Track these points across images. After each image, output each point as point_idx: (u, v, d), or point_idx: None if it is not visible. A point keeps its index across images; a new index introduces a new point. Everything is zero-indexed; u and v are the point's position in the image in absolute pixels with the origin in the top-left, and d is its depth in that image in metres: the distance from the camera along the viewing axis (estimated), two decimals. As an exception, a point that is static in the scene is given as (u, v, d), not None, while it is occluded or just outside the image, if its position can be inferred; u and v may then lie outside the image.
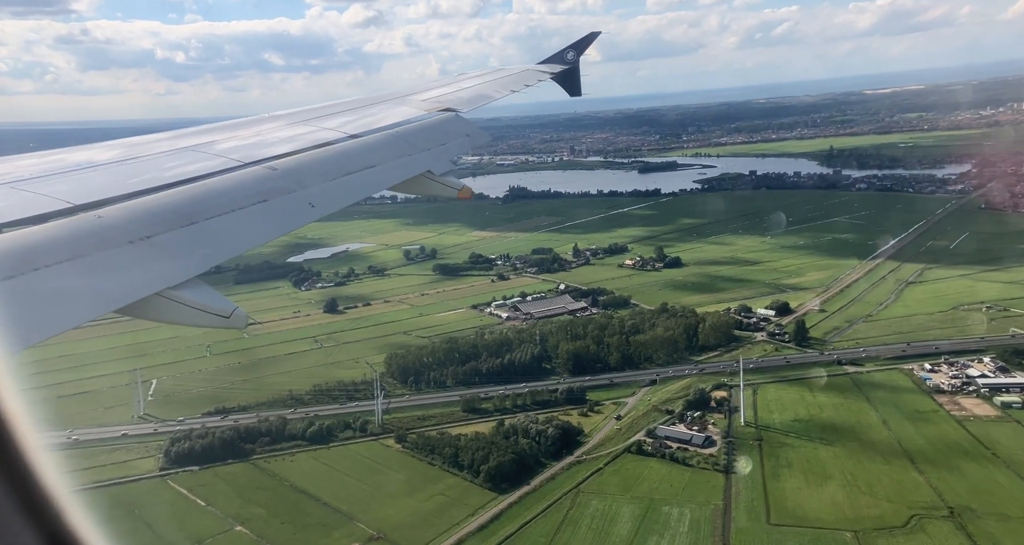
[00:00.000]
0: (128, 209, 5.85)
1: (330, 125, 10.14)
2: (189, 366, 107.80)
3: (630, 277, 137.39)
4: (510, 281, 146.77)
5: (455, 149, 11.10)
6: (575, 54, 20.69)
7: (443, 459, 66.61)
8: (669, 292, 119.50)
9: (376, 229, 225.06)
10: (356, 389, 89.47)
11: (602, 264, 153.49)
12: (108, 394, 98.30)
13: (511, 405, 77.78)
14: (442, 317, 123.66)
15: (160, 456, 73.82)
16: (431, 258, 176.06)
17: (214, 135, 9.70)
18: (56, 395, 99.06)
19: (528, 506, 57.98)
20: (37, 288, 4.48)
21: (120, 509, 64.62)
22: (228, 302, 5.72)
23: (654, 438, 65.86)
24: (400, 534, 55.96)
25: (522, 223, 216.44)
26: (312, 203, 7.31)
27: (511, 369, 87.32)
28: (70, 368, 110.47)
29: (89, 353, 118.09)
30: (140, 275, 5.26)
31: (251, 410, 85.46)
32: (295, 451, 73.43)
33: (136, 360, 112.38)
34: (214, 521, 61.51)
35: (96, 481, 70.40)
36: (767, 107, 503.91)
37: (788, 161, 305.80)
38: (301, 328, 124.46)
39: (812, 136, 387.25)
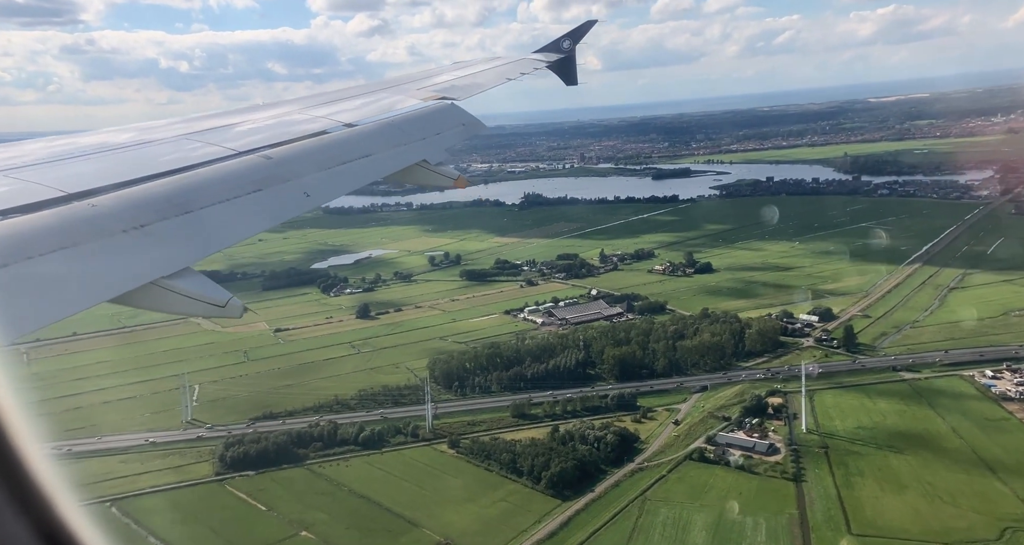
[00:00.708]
0: (122, 197, 5.77)
1: (325, 113, 9.97)
2: (228, 371, 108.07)
3: (661, 283, 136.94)
4: (539, 287, 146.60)
5: (451, 138, 10.91)
6: (571, 43, 20.39)
7: (500, 465, 66.28)
8: (705, 298, 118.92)
9: (396, 235, 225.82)
10: (401, 394, 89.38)
11: (630, 269, 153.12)
12: (152, 399, 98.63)
13: (561, 411, 77.41)
14: (476, 323, 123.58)
15: (215, 461, 73.87)
16: (456, 264, 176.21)
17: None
18: (102, 401, 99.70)
19: (595, 513, 57.48)
20: (30, 277, 4.39)
21: (182, 513, 64.75)
22: (223, 291, 5.62)
23: (715, 445, 65.27)
24: (468, 541, 55.62)
25: (542, 229, 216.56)
26: (307, 192, 7.20)
27: (555, 374, 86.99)
28: (110, 374, 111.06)
29: (126, 359, 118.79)
30: (134, 264, 5.17)
31: (298, 415, 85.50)
32: (349, 456, 73.32)
33: (175, 366, 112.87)
34: (278, 526, 61.39)
35: (154, 486, 70.63)
36: (772, 115, 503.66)
37: (803, 167, 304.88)
38: (335, 334, 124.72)
39: (823, 143, 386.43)
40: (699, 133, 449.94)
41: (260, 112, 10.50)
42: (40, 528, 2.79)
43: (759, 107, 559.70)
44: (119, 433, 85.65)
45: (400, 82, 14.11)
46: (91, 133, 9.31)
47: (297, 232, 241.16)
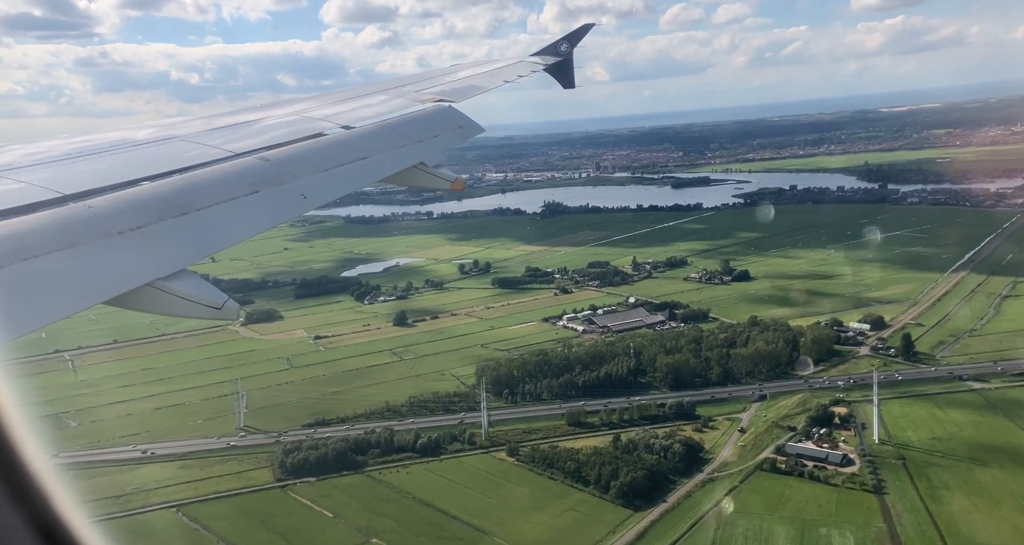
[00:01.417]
0: (119, 199, 5.71)
1: (322, 115, 9.96)
2: (274, 378, 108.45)
3: (699, 290, 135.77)
4: (573, 295, 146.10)
5: (448, 141, 10.77)
6: (568, 46, 20.26)
7: (564, 474, 65.54)
8: (747, 306, 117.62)
9: (421, 244, 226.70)
10: (451, 401, 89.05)
11: (664, 277, 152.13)
12: (201, 406, 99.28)
13: (618, 419, 76.57)
14: (515, 330, 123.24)
15: (275, 467, 73.89)
16: (485, 272, 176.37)
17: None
18: (152, 407, 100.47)
19: (670, 524, 56.49)
20: (27, 278, 4.33)
21: (249, 520, 64.71)
22: (219, 293, 5.53)
23: (785, 455, 63.98)
24: (543, 549, 54.85)
25: (567, 237, 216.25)
26: (304, 194, 7.13)
27: (606, 382, 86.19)
28: (156, 381, 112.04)
29: (170, 367, 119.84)
30: (130, 266, 5.11)
31: (350, 422, 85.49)
32: (408, 463, 73.00)
33: (220, 373, 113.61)
34: (347, 533, 61.07)
35: (217, 491, 70.76)
36: (783, 125, 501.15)
37: (824, 176, 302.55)
38: (375, 341, 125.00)
39: (840, 152, 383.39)
40: (712, 143, 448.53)
41: (268, 110, 10.58)
42: (39, 526, 2.76)
43: (768, 117, 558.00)
44: (175, 439, 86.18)
45: (397, 85, 14.07)
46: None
47: (322, 241, 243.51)
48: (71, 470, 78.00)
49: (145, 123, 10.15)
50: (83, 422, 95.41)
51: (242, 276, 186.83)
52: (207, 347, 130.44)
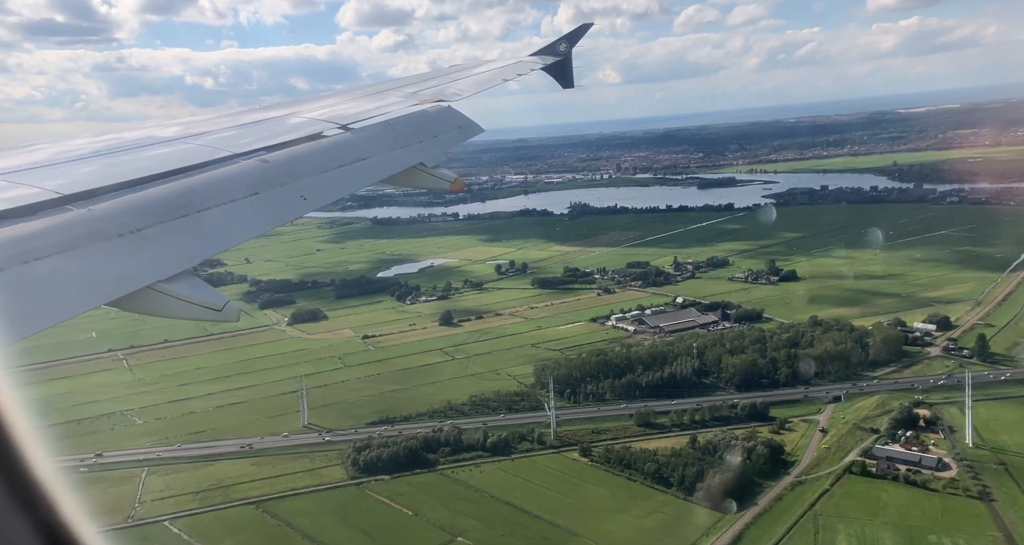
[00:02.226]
0: (119, 201, 5.66)
1: (322, 116, 9.90)
2: (330, 377, 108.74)
3: (746, 290, 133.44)
4: (616, 295, 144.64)
5: (448, 141, 10.72)
6: (567, 46, 20.10)
7: (644, 475, 64.42)
8: (802, 306, 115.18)
9: (452, 245, 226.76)
10: (512, 401, 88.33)
11: (708, 277, 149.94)
12: (261, 404, 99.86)
13: (689, 420, 75.17)
14: (563, 330, 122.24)
15: (347, 465, 73.84)
16: (522, 272, 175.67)
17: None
18: (213, 405, 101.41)
19: (764, 527, 55.04)
20: (26, 281, 4.30)
21: (330, 518, 64.62)
22: (220, 295, 5.47)
23: (875, 458, 62.01)
24: (637, 551, 53.71)
25: (600, 238, 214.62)
26: (304, 195, 7.07)
27: (670, 383, 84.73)
28: (212, 380, 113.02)
29: (224, 365, 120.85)
30: (130, 268, 5.08)
31: (413, 420, 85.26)
32: (479, 462, 72.42)
33: (274, 372, 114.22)
34: (430, 532, 60.62)
35: (293, 488, 70.90)
36: (800, 126, 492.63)
37: (853, 176, 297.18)
38: (423, 340, 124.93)
39: (865, 153, 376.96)
40: (732, 144, 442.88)
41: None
42: (42, 529, 2.74)
43: (784, 119, 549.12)
44: (241, 437, 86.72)
45: (397, 85, 14.00)
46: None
47: (353, 242, 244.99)
48: (144, 467, 78.88)
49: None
50: (148, 420, 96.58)
51: (280, 277, 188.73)
52: (257, 346, 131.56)
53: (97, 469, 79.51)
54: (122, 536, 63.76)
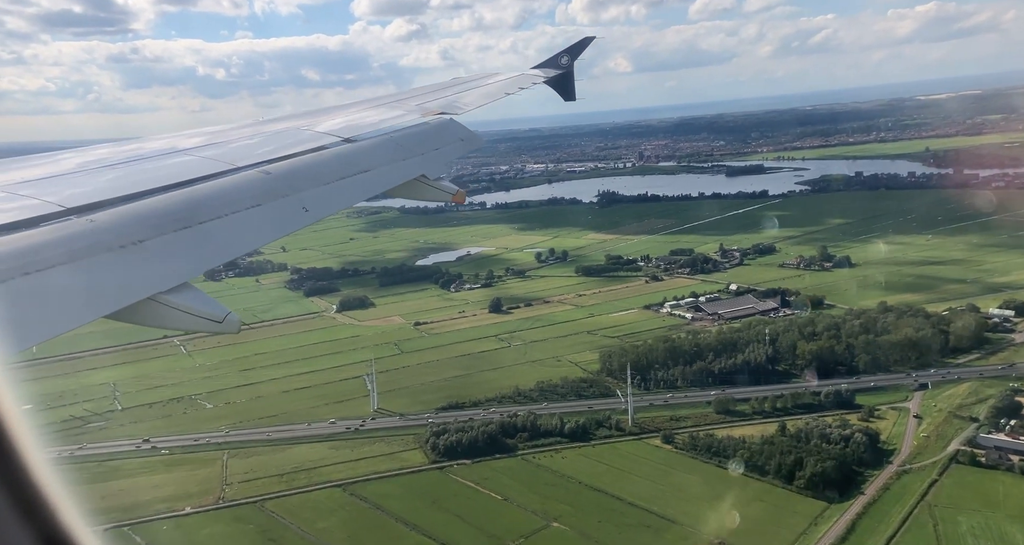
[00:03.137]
0: (121, 213, 5.60)
1: (325, 129, 9.87)
2: (388, 363, 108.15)
3: (800, 277, 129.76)
4: (664, 282, 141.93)
5: (449, 153, 10.78)
6: (569, 59, 20.15)
7: (734, 462, 62.45)
8: (864, 292, 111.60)
9: (486, 233, 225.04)
10: (579, 387, 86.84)
11: (757, 264, 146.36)
12: (326, 389, 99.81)
13: (770, 408, 72.95)
14: (617, 318, 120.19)
15: (426, 449, 73.19)
16: (562, 260, 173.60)
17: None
18: (279, 390, 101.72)
19: (877, 518, 52.98)
20: (28, 293, 4.30)
21: (420, 501, 64.05)
22: (221, 306, 5.35)
23: (983, 448, 59.32)
24: (743, 541, 52.07)
25: (635, 225, 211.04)
26: (306, 207, 7.04)
27: (742, 370, 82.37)
28: (273, 365, 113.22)
29: (281, 351, 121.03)
30: (132, 280, 5.05)
31: (482, 406, 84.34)
32: (559, 447, 71.25)
33: (332, 358, 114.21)
34: (523, 516, 59.66)
35: (376, 472, 70.51)
36: (819, 113, 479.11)
37: (885, 163, 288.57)
38: (475, 327, 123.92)
39: (893, 139, 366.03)
40: (753, 131, 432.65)
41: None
42: (42, 534, 2.75)
43: (800, 107, 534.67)
44: (313, 420, 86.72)
45: (400, 97, 14.07)
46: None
47: (386, 231, 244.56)
48: (224, 450, 79.25)
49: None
50: (217, 404, 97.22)
51: (320, 265, 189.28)
52: (310, 333, 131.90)
53: (178, 451, 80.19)
54: (217, 517, 64.04)
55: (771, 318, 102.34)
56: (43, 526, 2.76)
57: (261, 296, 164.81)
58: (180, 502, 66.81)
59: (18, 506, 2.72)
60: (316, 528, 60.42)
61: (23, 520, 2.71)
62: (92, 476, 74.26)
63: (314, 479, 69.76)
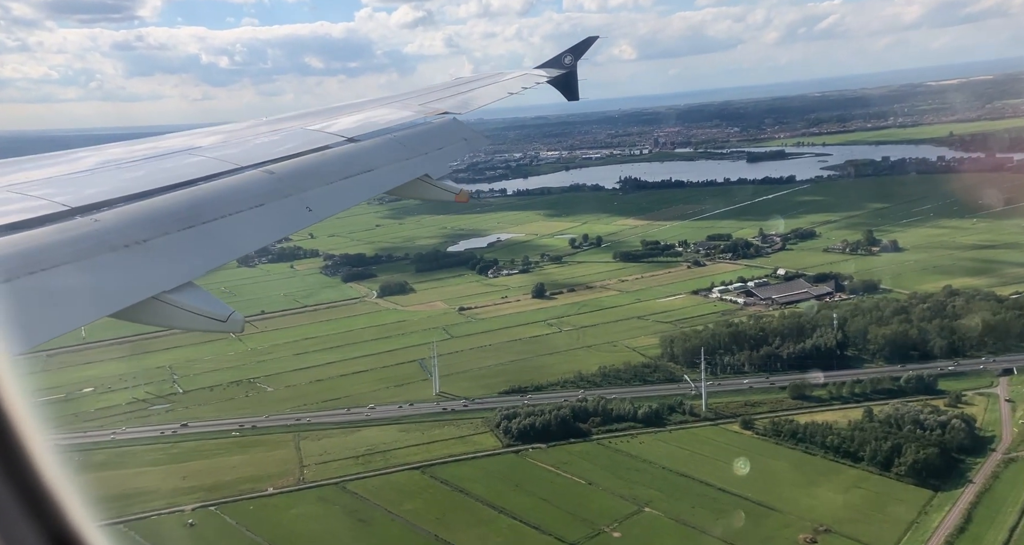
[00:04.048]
0: (125, 212, 5.58)
1: (328, 128, 9.64)
2: (440, 347, 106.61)
3: (847, 261, 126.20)
4: (707, 267, 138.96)
5: (453, 153, 10.53)
6: (573, 59, 19.98)
7: (823, 448, 60.49)
8: (920, 276, 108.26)
9: (513, 220, 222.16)
10: (642, 372, 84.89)
11: (799, 249, 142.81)
12: (383, 373, 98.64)
13: (848, 393, 70.53)
14: (665, 303, 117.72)
15: (498, 433, 71.81)
16: (597, 246, 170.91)
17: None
18: (337, 374, 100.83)
19: (993, 507, 50.79)
20: (34, 291, 4.32)
21: (503, 484, 62.80)
22: (224, 306, 5.35)
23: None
24: (850, 529, 50.21)
25: (665, 211, 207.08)
26: (309, 207, 6.91)
27: (811, 355, 79.86)
28: (324, 349, 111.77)
29: (331, 336, 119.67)
30: (136, 279, 5.02)
31: (546, 390, 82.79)
32: (634, 432, 69.55)
33: (382, 342, 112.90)
34: (611, 501, 58.20)
35: (451, 455, 69.36)
36: (830, 100, 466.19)
37: (910, 148, 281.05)
38: (521, 313, 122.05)
39: (912, 124, 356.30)
40: (767, 118, 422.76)
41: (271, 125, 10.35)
42: (49, 531, 2.76)
43: (809, 93, 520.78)
44: (376, 403, 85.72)
45: (403, 97, 13.92)
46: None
47: (412, 218, 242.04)
48: (293, 432, 78.53)
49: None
50: (278, 387, 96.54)
51: (352, 251, 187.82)
52: (356, 318, 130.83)
53: (249, 433, 79.61)
54: (301, 498, 63.32)
55: (828, 302, 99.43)
56: (50, 523, 2.69)
57: (298, 282, 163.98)
58: (261, 483, 66.16)
59: (25, 503, 2.64)
60: (403, 509, 59.46)
61: (30, 517, 2.63)
62: (169, 457, 73.95)
63: (391, 461, 68.76)
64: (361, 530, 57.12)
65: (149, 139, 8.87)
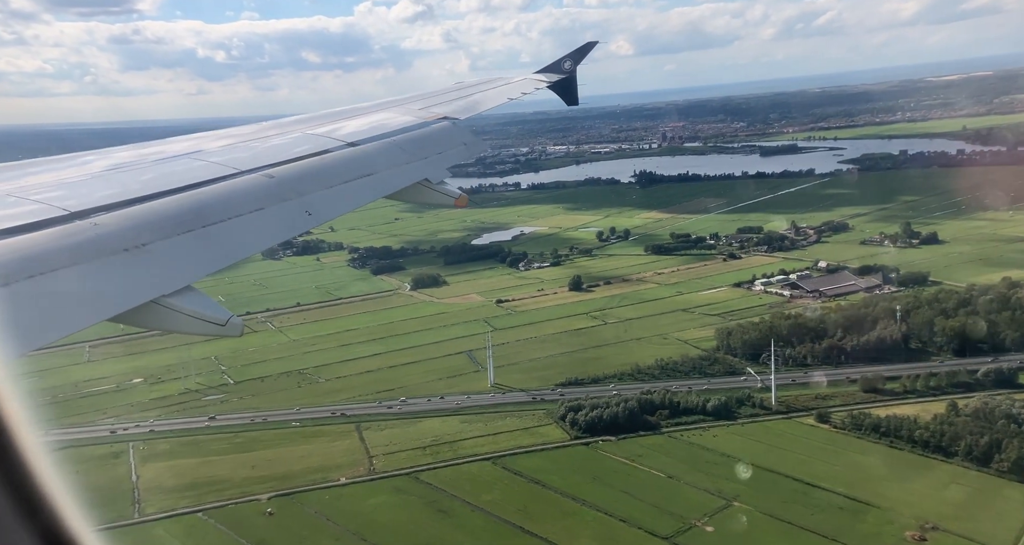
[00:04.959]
0: (125, 216, 5.48)
1: (328, 132, 9.62)
2: (483, 340, 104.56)
3: (888, 254, 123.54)
4: (742, 260, 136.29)
5: (452, 157, 10.43)
6: (572, 64, 19.79)
7: (911, 443, 58.25)
8: (968, 268, 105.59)
9: (534, 213, 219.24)
10: (701, 365, 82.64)
11: (834, 242, 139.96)
12: (432, 364, 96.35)
13: (923, 386, 68.19)
14: (708, 295, 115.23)
15: (564, 424, 69.73)
16: (624, 239, 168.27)
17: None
18: (386, 365, 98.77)
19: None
20: (31, 296, 4.27)
21: (579, 476, 60.77)
22: (223, 310, 5.25)
23: None
24: (959, 526, 48.03)
25: (687, 204, 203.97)
26: (309, 211, 6.92)
27: (878, 347, 77.50)
28: (368, 341, 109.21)
29: (372, 328, 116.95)
30: (135, 283, 4.96)
31: (602, 382, 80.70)
32: (705, 426, 67.39)
33: (424, 334, 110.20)
34: (696, 495, 56.13)
35: (519, 446, 67.37)
36: (830, 95, 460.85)
37: (924, 141, 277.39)
38: (560, 305, 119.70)
39: (922, 118, 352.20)
40: (771, 113, 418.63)
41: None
42: (43, 532, 2.77)
43: (808, 89, 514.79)
44: (433, 394, 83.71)
45: (402, 101, 13.72)
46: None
47: (431, 212, 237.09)
48: (353, 422, 76.60)
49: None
50: (329, 378, 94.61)
51: (376, 244, 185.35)
52: (394, 310, 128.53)
53: (309, 424, 77.77)
54: (375, 488, 61.50)
55: (881, 295, 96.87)
56: (44, 525, 2.71)
57: (327, 274, 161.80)
58: (332, 472, 64.34)
59: (19, 505, 2.66)
60: (482, 500, 57.54)
61: (24, 519, 2.66)
62: (234, 446, 72.17)
63: (459, 452, 66.78)
64: (443, 521, 55.25)
65: (156, 142, 8.73)
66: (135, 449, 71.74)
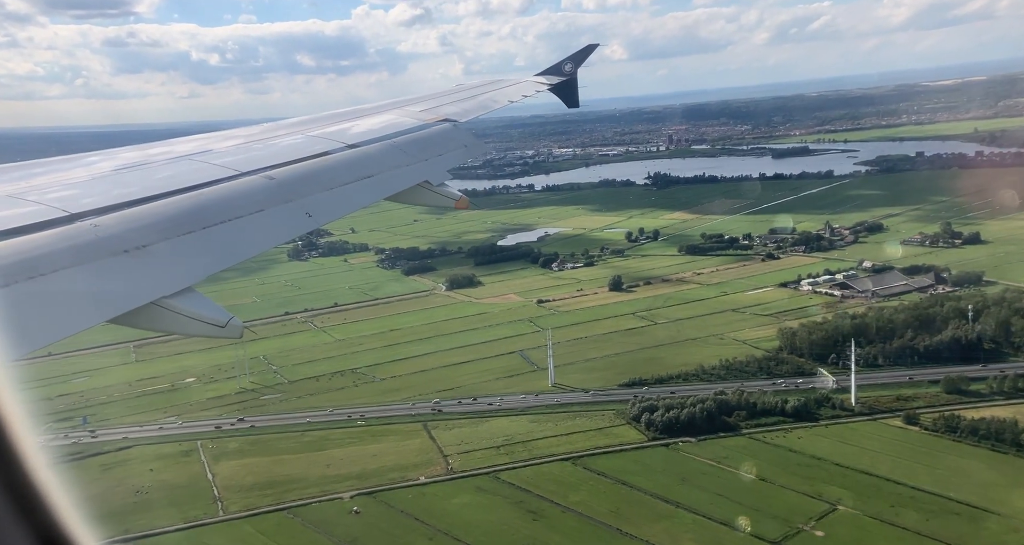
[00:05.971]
0: (125, 218, 5.39)
1: (328, 134, 9.48)
2: (533, 340, 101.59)
3: (932, 254, 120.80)
4: (781, 260, 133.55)
5: (452, 159, 10.27)
6: (573, 66, 19.40)
7: (1016, 446, 55.62)
8: (1022, 268, 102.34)
9: (555, 215, 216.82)
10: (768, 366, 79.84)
11: (872, 242, 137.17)
12: (486, 364, 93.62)
13: (1010, 388, 65.43)
14: (755, 295, 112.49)
15: (640, 425, 67.03)
16: (653, 239, 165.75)
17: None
18: (439, 364, 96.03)
19: None
20: (33, 297, 4.25)
21: (665, 477, 58.09)
22: (223, 311, 5.16)
23: None
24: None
25: (710, 205, 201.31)
26: (309, 213, 6.80)
27: (951, 347, 74.73)
28: (415, 341, 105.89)
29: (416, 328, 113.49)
30: (135, 284, 4.90)
31: (667, 383, 78.02)
32: (787, 427, 64.66)
33: (469, 334, 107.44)
34: (795, 498, 53.41)
35: (596, 447, 64.69)
36: (828, 99, 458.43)
37: (936, 143, 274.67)
38: (603, 305, 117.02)
39: (928, 121, 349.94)
40: (774, 116, 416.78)
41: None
42: (40, 533, 2.76)
43: (806, 93, 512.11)
44: (492, 395, 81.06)
45: (402, 103, 13.20)
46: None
47: (451, 213, 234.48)
48: (420, 421, 73.88)
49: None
50: (384, 377, 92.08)
51: (402, 245, 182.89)
52: (433, 310, 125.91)
53: (375, 423, 75.21)
54: (457, 488, 58.85)
55: (937, 295, 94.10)
56: (41, 525, 2.71)
57: (357, 275, 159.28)
58: (409, 471, 61.78)
59: (16, 506, 2.67)
60: (571, 501, 54.89)
61: (21, 519, 2.66)
62: (303, 445, 69.68)
63: (534, 452, 64.14)
64: (535, 523, 52.61)
65: (162, 143, 8.62)
66: (203, 447, 69.26)
